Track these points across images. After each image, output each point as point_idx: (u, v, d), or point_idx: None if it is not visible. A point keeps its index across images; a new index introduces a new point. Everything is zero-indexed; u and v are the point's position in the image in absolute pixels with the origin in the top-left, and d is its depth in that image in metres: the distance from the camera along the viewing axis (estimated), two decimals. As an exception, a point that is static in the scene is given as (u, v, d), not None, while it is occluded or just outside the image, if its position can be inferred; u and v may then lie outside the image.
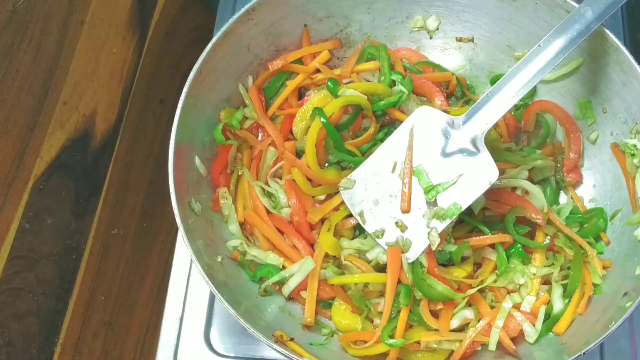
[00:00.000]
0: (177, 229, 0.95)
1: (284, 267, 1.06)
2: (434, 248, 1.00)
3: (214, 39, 1.02)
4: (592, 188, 1.13)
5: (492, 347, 0.99)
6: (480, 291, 1.02)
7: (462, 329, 1.02)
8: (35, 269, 1.13)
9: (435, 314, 1.01)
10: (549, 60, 0.95)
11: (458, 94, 1.19)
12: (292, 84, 1.15)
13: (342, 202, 1.07)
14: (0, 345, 1.05)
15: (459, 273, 1.03)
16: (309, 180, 1.08)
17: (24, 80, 1.10)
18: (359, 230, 1.09)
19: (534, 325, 1.00)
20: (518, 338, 1.01)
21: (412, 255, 1.01)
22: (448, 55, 1.22)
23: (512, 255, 1.04)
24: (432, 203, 1.00)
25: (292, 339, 0.97)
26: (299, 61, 1.16)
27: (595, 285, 1.02)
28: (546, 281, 1.05)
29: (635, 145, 1.03)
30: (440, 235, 1.00)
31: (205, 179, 1.07)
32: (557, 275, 1.04)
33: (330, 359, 0.99)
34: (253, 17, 1.06)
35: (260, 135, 1.14)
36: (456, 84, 1.18)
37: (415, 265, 1.01)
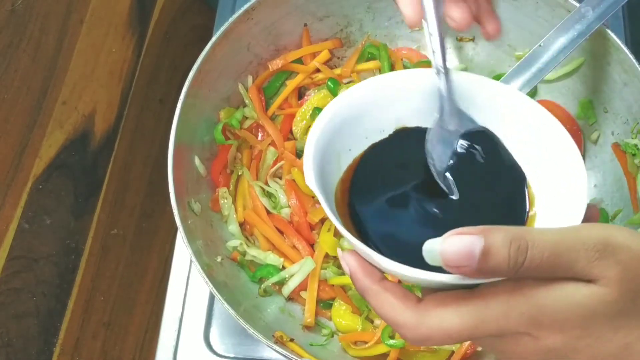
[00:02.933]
0: (176, 229, 0.95)
1: (283, 268, 1.06)
2: (434, 248, 0.99)
3: (213, 39, 1.02)
4: (593, 188, 1.13)
5: (493, 347, 0.98)
6: (481, 291, 1.02)
7: (462, 329, 1.01)
8: (34, 269, 1.12)
9: (435, 315, 1.01)
10: (550, 60, 0.94)
11: (458, 93, 1.19)
12: (292, 84, 1.14)
13: (342, 202, 1.06)
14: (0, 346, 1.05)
15: (459, 273, 1.02)
16: (309, 180, 1.07)
17: (22, 80, 1.09)
18: (359, 231, 1.09)
19: (534, 326, 1.00)
20: (519, 338, 1.01)
21: (412, 255, 1.01)
22: (448, 55, 1.22)
23: (513, 255, 1.04)
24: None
25: (292, 340, 0.96)
26: (299, 61, 1.15)
27: (596, 285, 1.02)
28: (547, 281, 1.05)
29: (636, 145, 1.02)
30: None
31: (204, 179, 1.07)
32: (558, 276, 1.03)
33: (331, 360, 0.99)
34: (253, 17, 1.06)
35: (260, 135, 1.13)
36: (457, 83, 1.17)
37: (415, 265, 1.00)
